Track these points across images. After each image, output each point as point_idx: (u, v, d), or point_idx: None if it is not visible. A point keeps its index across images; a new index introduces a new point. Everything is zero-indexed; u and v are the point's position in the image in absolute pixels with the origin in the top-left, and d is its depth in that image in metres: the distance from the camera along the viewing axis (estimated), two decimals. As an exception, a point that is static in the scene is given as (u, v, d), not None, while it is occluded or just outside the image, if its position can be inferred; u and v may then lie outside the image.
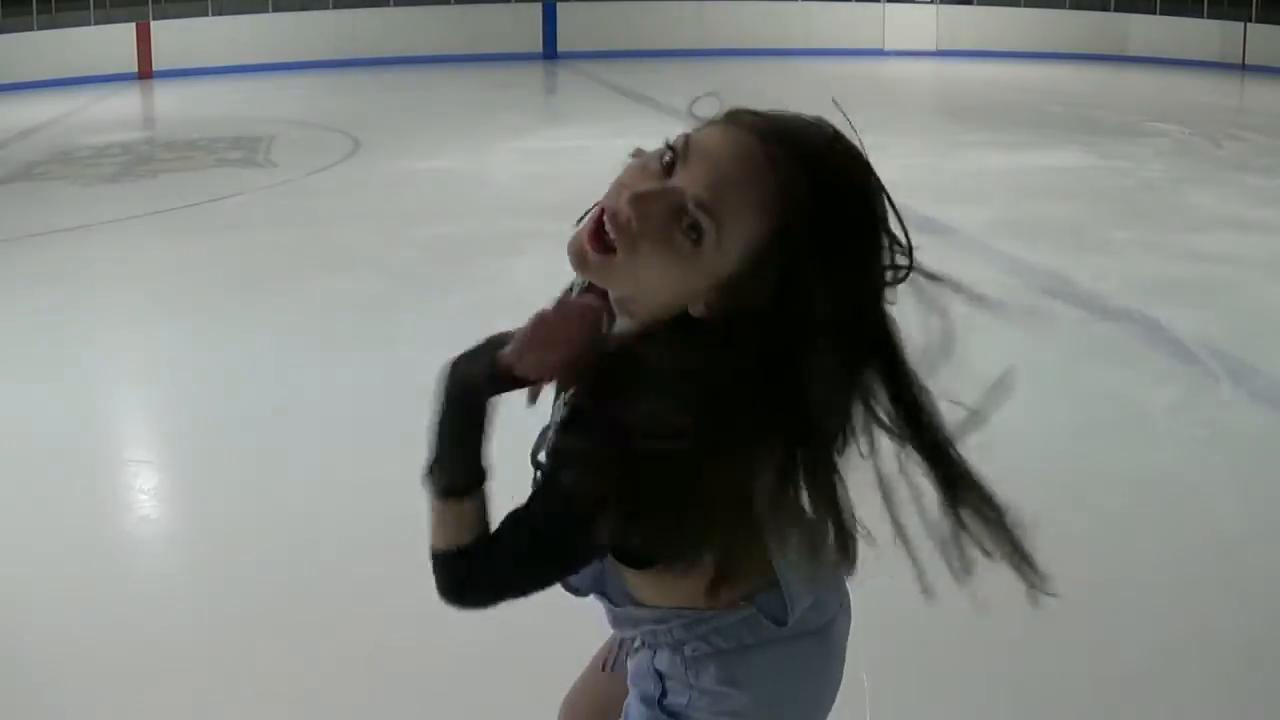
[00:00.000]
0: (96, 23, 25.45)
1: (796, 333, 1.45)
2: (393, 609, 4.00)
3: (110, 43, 24.99)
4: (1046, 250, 8.59)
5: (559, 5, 27.91)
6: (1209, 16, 26.34)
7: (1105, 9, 28.26)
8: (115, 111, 19.66)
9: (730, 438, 1.45)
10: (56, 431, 5.60)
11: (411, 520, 4.72)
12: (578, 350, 1.63)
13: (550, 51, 27.65)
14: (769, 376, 1.46)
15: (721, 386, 1.45)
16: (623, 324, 1.62)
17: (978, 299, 1.81)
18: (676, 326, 1.51)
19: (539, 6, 27.82)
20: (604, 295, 1.67)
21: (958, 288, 1.74)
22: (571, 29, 27.77)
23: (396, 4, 27.19)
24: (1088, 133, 14.94)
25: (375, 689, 3.54)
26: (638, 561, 1.69)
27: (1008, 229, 9.39)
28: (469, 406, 1.76)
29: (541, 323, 1.67)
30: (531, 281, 7.90)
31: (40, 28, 25.26)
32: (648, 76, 21.93)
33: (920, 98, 21.39)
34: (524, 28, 27.72)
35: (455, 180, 11.95)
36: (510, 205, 10.60)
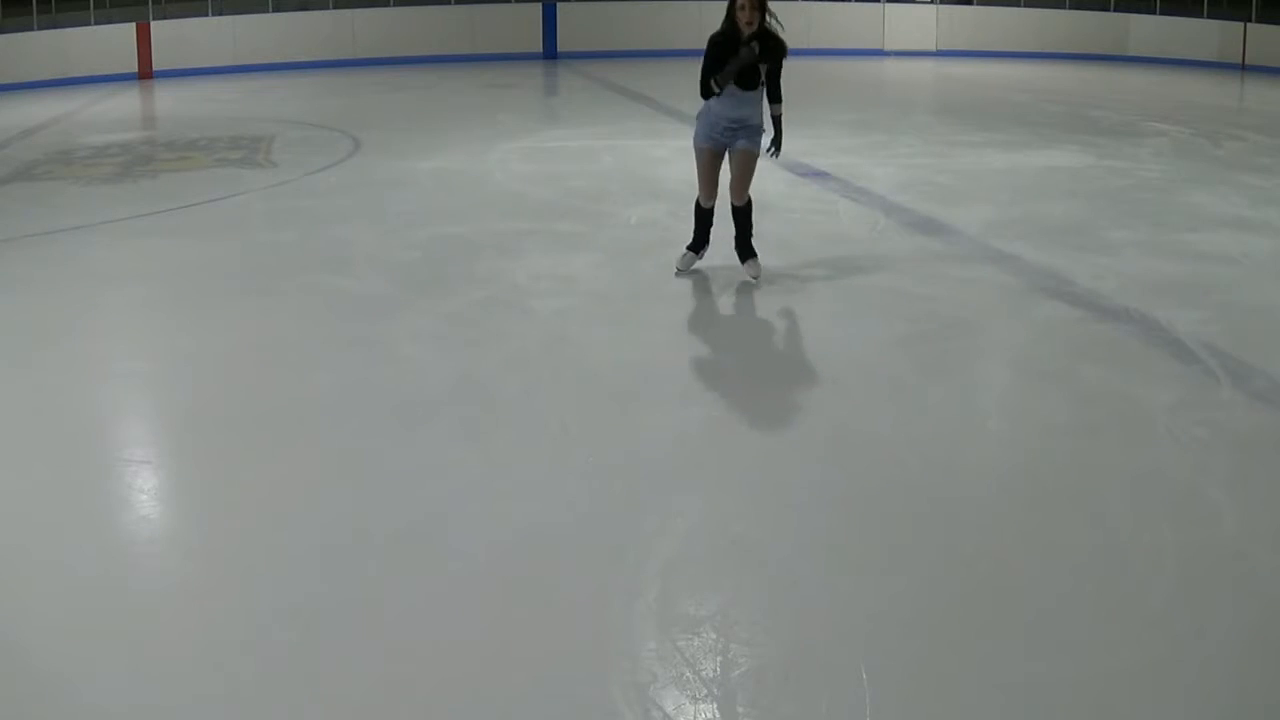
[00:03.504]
0: (96, 23, 25.39)
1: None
2: (398, 605, 4.01)
3: (110, 43, 24.94)
4: (1046, 250, 8.60)
5: (559, 5, 27.87)
6: (1209, 16, 26.35)
7: (1105, 9, 28.25)
8: (115, 111, 19.62)
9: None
10: (56, 432, 5.61)
11: (410, 515, 4.74)
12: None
13: (550, 51, 27.62)
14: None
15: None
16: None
17: None
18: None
19: (539, 7, 27.77)
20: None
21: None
22: (571, 29, 27.77)
23: (396, 4, 27.16)
24: (1087, 132, 14.94)
25: (376, 687, 3.55)
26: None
27: (1007, 228, 9.39)
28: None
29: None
30: (531, 281, 7.92)
31: (40, 28, 25.24)
32: (648, 77, 21.98)
33: (920, 97, 21.39)
34: (524, 28, 27.66)
35: (455, 180, 11.95)
36: (510, 205, 10.61)
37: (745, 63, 7.29)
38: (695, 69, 7.45)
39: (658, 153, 13.04)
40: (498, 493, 4.84)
